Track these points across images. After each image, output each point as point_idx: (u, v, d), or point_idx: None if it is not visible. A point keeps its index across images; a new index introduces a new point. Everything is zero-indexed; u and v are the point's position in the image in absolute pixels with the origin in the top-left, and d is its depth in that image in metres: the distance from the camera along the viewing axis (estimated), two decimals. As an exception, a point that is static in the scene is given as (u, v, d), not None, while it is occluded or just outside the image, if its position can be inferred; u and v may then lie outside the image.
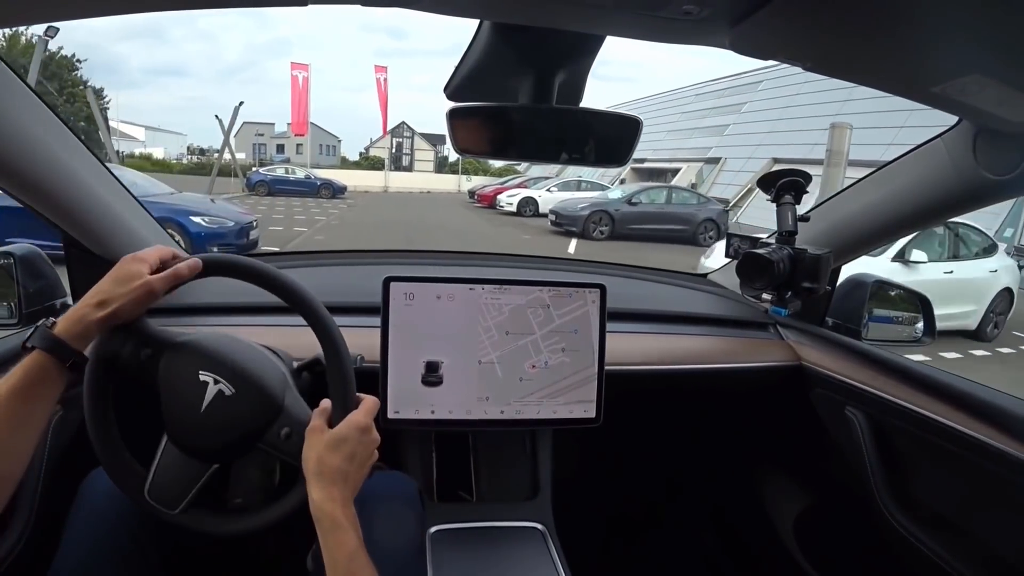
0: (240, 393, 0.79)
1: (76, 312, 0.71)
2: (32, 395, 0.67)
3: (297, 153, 42.43)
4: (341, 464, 0.73)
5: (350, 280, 1.43)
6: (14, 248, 1.11)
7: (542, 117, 0.82)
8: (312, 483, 0.72)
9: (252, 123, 44.56)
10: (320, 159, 43.51)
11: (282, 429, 0.80)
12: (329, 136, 49.47)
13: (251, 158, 39.66)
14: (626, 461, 1.71)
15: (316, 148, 44.00)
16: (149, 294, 0.74)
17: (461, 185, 30.76)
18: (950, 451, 1.03)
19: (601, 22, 0.67)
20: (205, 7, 0.62)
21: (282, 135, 44.51)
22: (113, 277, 0.74)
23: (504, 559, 1.12)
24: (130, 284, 0.73)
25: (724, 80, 27.15)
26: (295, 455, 0.77)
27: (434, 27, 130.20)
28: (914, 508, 1.14)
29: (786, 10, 0.55)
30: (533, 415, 1.12)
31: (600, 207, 13.02)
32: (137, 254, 0.76)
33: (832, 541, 1.40)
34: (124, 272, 0.74)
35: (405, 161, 45.39)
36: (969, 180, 1.00)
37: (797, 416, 1.41)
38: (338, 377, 0.82)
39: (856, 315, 1.38)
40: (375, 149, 43.56)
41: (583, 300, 1.12)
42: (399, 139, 45.61)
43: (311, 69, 16.06)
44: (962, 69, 0.67)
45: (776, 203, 1.18)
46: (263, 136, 45.46)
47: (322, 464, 0.73)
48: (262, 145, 44.65)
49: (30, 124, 0.89)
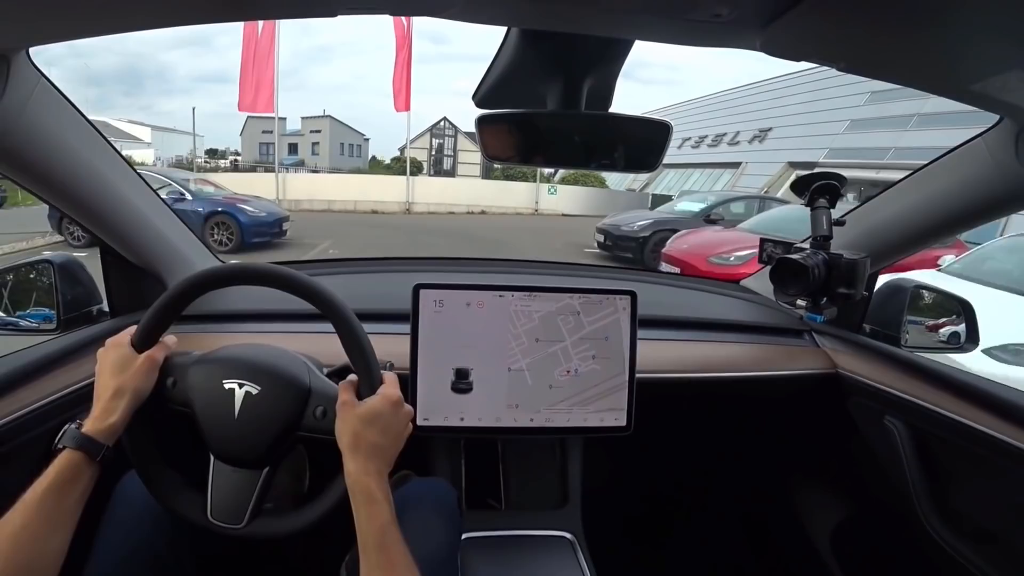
0: (266, 388, 0.81)
1: (99, 410, 0.75)
2: (66, 492, 0.69)
3: (313, 153, 38.45)
4: (376, 438, 0.75)
5: (380, 288, 1.44)
6: (53, 256, 1.15)
7: (571, 123, 0.82)
8: (348, 456, 0.74)
9: (259, 118, 34.23)
10: (342, 161, 38.03)
11: (316, 409, 0.81)
12: (352, 133, 42.93)
13: (257, 159, 34.65)
14: (657, 470, 1.69)
15: (336, 147, 39.78)
16: (154, 365, 0.79)
17: (539, 200, 21.10)
18: (995, 462, 1.00)
19: (630, 26, 0.66)
20: (241, 19, 0.63)
21: (295, 133, 39.67)
22: (110, 370, 0.78)
23: (533, 568, 1.11)
24: (133, 365, 0.78)
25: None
26: (328, 432, 0.79)
27: (475, 32, 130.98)
28: (957, 521, 1.10)
29: (817, 9, 0.54)
30: (563, 423, 1.11)
31: (667, 225, 9.06)
32: (111, 340, 0.81)
33: (871, 554, 1.36)
34: (116, 360, 0.78)
35: (447, 164, 37.68)
36: (1012, 180, 0.97)
37: (833, 425, 1.37)
38: (367, 382, 0.83)
39: (895, 321, 1.34)
40: (412, 149, 30.63)
41: (614, 307, 1.11)
42: (439, 139, 38.25)
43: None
44: (1002, 65, 0.65)
45: (810, 207, 1.16)
46: (271, 134, 35.62)
47: (357, 438, 0.74)
48: (270, 144, 34.93)
49: (71, 138, 0.92)
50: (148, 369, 0.78)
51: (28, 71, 0.79)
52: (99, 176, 1.00)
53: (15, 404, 0.91)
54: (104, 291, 1.21)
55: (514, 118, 0.82)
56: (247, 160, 33.63)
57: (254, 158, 34.98)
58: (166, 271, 1.22)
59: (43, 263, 1.15)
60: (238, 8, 0.65)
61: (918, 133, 16.08)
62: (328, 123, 40.08)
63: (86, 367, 1.03)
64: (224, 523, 0.80)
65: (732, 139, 26.66)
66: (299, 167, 30.67)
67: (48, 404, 0.95)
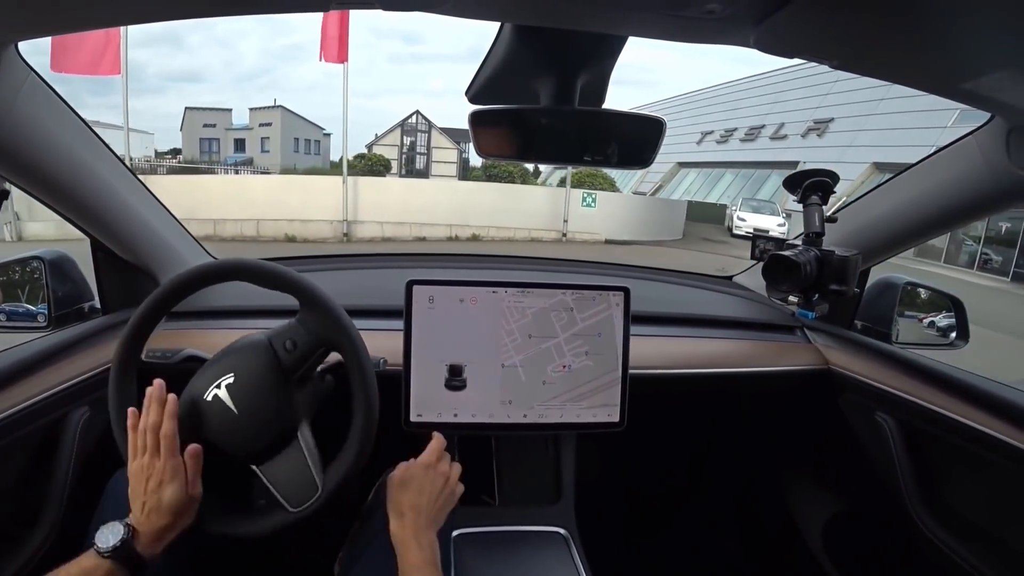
0: (237, 369, 0.82)
1: (153, 530, 0.74)
2: None
3: (263, 150, 31.74)
4: (410, 499, 0.85)
5: (372, 283, 1.44)
6: (44, 252, 1.15)
7: (564, 119, 0.81)
8: (391, 516, 0.85)
9: (198, 109, 33.76)
10: (297, 158, 31.65)
11: (285, 344, 0.83)
12: (309, 127, 35.27)
13: (198, 156, 29.60)
14: (650, 466, 1.70)
15: (289, 143, 33.05)
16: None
17: (568, 213, 13.42)
18: (985, 458, 1.01)
19: (623, 23, 0.66)
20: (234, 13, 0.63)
21: (243, 128, 33.32)
22: (170, 506, 0.75)
23: (526, 563, 1.11)
24: (189, 511, 0.78)
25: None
26: (307, 354, 0.83)
27: (450, 32, 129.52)
28: (946, 516, 1.11)
29: (809, 8, 0.54)
30: (556, 419, 1.11)
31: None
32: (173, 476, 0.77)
33: (861, 549, 1.37)
34: (176, 499, 0.75)
35: (420, 162, 31.13)
36: (1003, 178, 0.97)
37: (825, 421, 1.38)
38: (359, 380, 0.83)
39: (886, 318, 1.35)
40: (381, 147, 28.55)
41: (607, 303, 1.11)
42: (411, 136, 31.53)
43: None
44: (994, 64, 0.66)
45: (803, 204, 1.16)
46: (215, 127, 33.19)
47: (392, 501, 0.86)
48: (213, 140, 33.02)
49: (61, 134, 0.92)
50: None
51: (17, 65, 0.78)
52: (90, 171, 0.99)
53: (6, 402, 0.90)
54: (96, 288, 1.21)
55: (508, 114, 0.82)
56: (187, 158, 28.33)
57: (194, 155, 30.06)
58: (158, 267, 1.21)
59: (34, 260, 1.14)
60: (230, 2, 0.64)
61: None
62: (280, 115, 32.98)
63: (78, 364, 1.03)
64: (303, 506, 0.82)
65: (776, 132, 21.48)
66: (245, 166, 26.28)
67: (40, 402, 0.94)
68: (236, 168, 23.73)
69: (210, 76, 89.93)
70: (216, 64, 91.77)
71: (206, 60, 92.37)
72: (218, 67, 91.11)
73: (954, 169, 1.07)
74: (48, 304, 1.12)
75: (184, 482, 0.76)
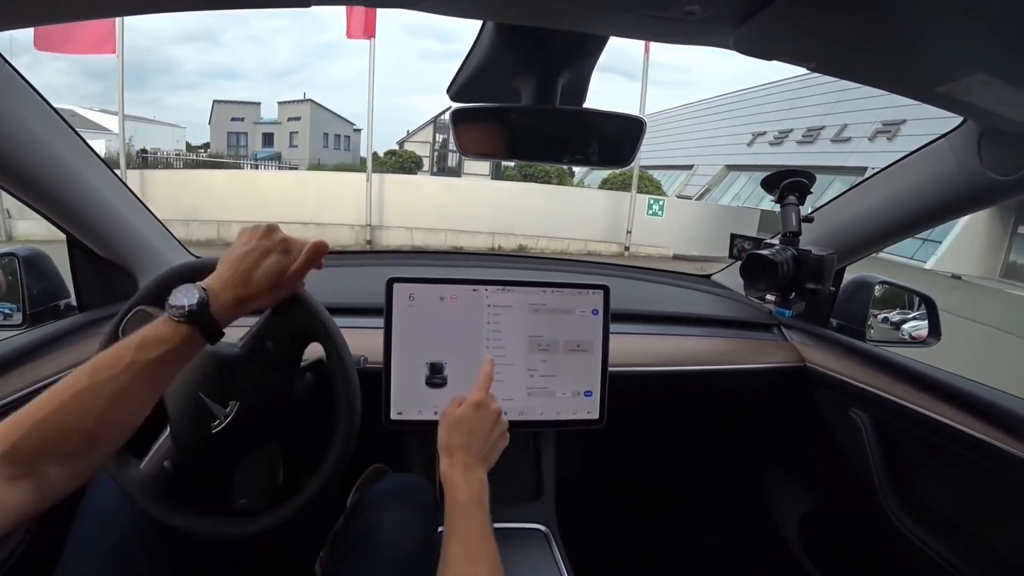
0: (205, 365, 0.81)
1: (233, 298, 0.72)
2: (176, 358, 0.67)
3: (291, 145, 31.15)
4: (460, 439, 0.85)
5: (352, 281, 1.43)
6: (19, 249, 1.12)
7: (546, 118, 0.81)
8: (441, 456, 0.86)
9: (226, 102, 32.95)
10: (325, 153, 30.73)
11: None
12: (340, 121, 33.61)
13: (225, 150, 28.90)
14: (629, 462, 1.71)
15: (318, 137, 31.97)
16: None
17: (631, 223, 11.68)
18: (954, 452, 1.03)
19: (604, 22, 0.66)
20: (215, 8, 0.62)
21: (271, 122, 32.56)
22: (268, 270, 0.74)
23: (507, 561, 1.10)
24: (286, 284, 0.77)
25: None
26: (289, 349, 0.84)
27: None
28: (918, 510, 1.13)
29: (789, 11, 0.55)
30: (537, 416, 1.12)
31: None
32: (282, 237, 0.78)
33: (836, 542, 1.39)
34: (275, 266, 0.75)
35: (452, 160, 29.10)
36: (974, 181, 0.99)
37: (801, 417, 1.40)
38: (340, 378, 0.83)
39: (860, 316, 1.37)
40: (412, 143, 28.00)
41: (587, 301, 1.12)
42: (444, 134, 29.33)
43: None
44: (967, 69, 0.67)
45: (780, 204, 1.18)
46: (243, 121, 32.37)
47: (442, 441, 0.87)
48: (241, 134, 32.36)
49: (34, 126, 0.90)
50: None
51: None
52: (65, 166, 0.97)
53: None
54: (72, 285, 1.18)
55: (489, 112, 0.82)
56: (215, 152, 27.39)
57: (222, 149, 29.43)
58: (136, 264, 1.19)
59: (8, 256, 1.11)
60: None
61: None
62: (309, 108, 32.20)
63: (53, 363, 1.01)
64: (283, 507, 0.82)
65: (837, 134, 19.49)
66: (272, 161, 25.47)
67: (16, 400, 0.92)
68: (256, 163, 22.89)
69: (245, 72, 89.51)
70: (251, 61, 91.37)
71: (241, 57, 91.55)
72: (253, 64, 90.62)
73: (928, 171, 1.09)
74: (23, 302, 1.09)
75: (292, 259, 0.76)
